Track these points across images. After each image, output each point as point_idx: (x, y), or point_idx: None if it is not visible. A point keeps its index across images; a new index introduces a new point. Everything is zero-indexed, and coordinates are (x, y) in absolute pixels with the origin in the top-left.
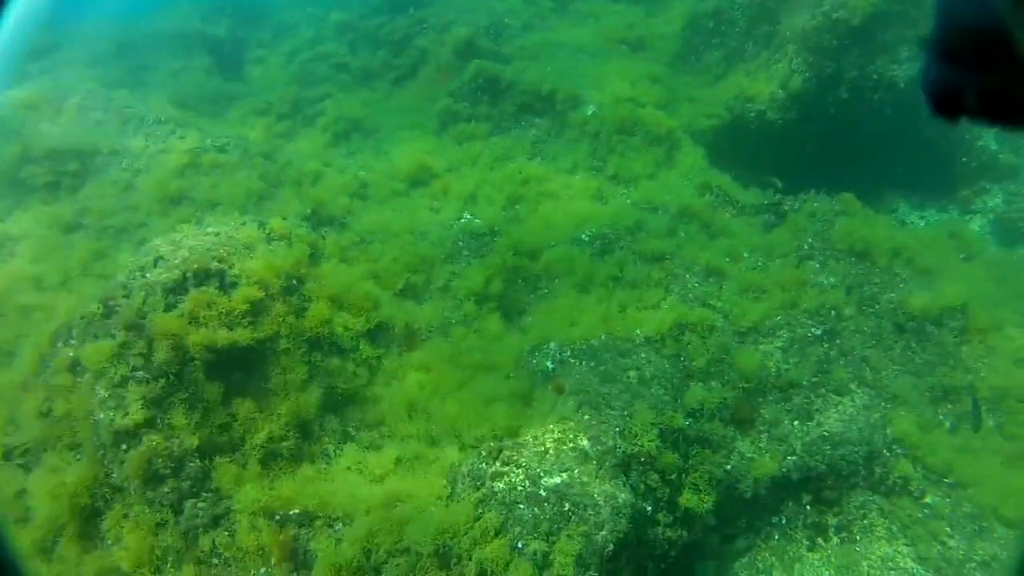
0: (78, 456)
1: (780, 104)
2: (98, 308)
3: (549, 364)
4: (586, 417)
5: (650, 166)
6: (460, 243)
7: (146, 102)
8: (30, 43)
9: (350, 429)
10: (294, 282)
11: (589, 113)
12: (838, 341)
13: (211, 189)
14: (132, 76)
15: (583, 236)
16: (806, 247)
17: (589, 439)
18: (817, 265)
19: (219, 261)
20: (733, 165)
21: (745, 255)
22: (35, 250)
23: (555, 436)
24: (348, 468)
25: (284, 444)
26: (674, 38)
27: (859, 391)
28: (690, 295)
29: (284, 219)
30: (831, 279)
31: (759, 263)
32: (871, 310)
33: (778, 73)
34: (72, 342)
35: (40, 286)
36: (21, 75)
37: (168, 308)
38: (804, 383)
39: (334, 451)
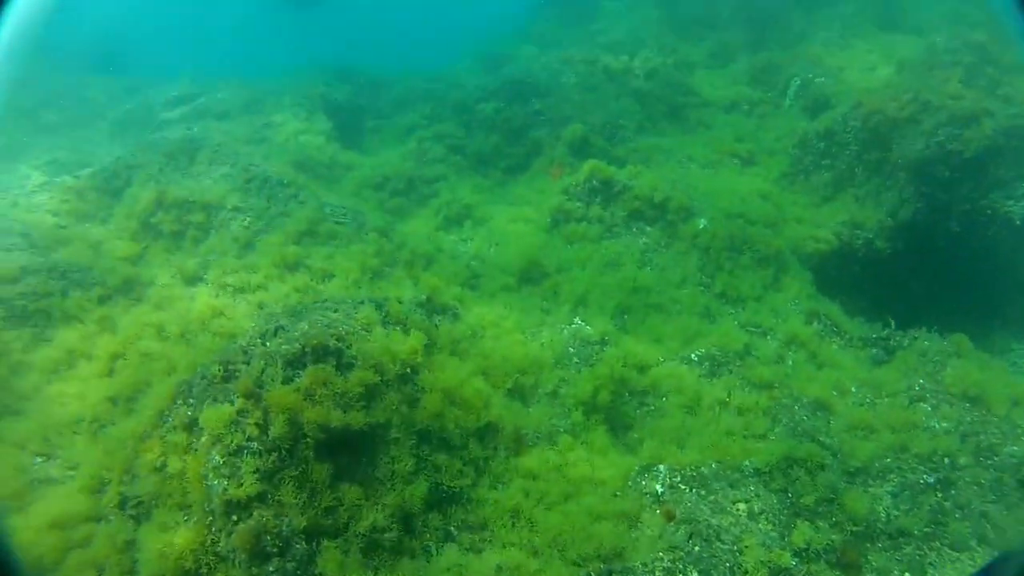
0: (187, 517)
1: (889, 233)
2: (218, 370)
3: (659, 488)
4: (696, 549)
5: (758, 287)
6: (570, 349)
7: (269, 161)
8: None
9: (452, 528)
10: (409, 371)
11: (700, 226)
12: (953, 492)
13: (327, 260)
14: (256, 133)
15: (692, 355)
16: (917, 388)
17: (699, 573)
18: (928, 408)
19: (337, 340)
20: (840, 292)
21: (853, 390)
22: (159, 298)
23: (665, 565)
24: (447, 570)
25: (387, 536)
26: (783, 155)
27: (980, 549)
28: (798, 428)
29: (400, 303)
30: (944, 424)
31: (867, 400)
32: (989, 462)
33: (888, 201)
34: (191, 401)
35: (161, 334)
36: (160, 122)
37: (286, 380)
38: (916, 533)
39: (435, 549)
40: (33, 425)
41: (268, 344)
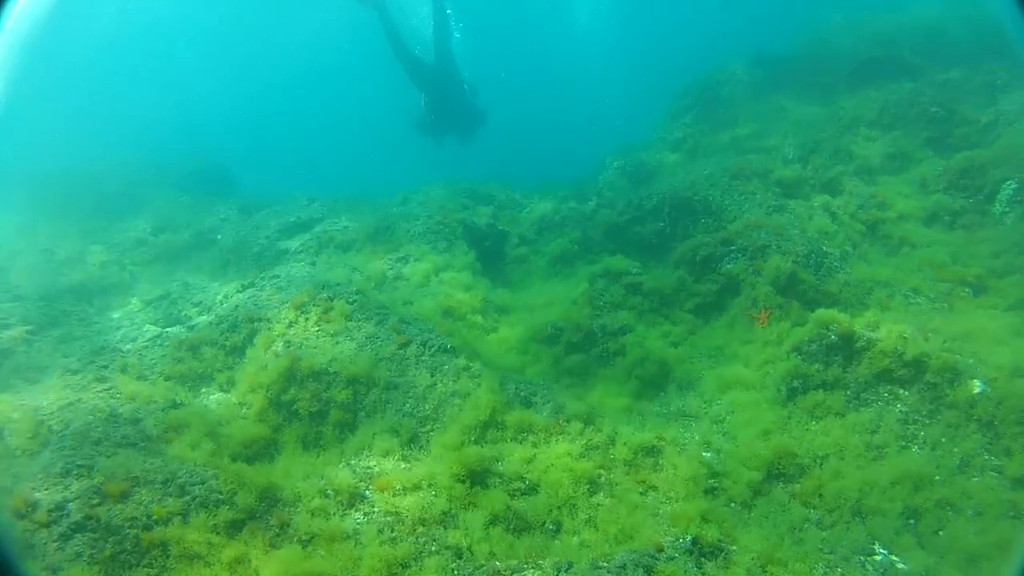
0: None
1: None
2: None
3: None
4: None
5: None
6: None
7: (416, 312)
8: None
9: None
10: None
11: (976, 391)
12: None
13: (525, 465)
14: (391, 269)
15: None
16: None
17: None
18: None
19: None
20: None
21: None
22: (309, 531)
23: None
24: None
25: None
26: (1016, 275)
27: None
28: None
29: (667, 556)
30: None
31: None
32: None
33: None
34: None
35: None
36: (278, 252)
37: None
38: None
39: None
40: None
41: None
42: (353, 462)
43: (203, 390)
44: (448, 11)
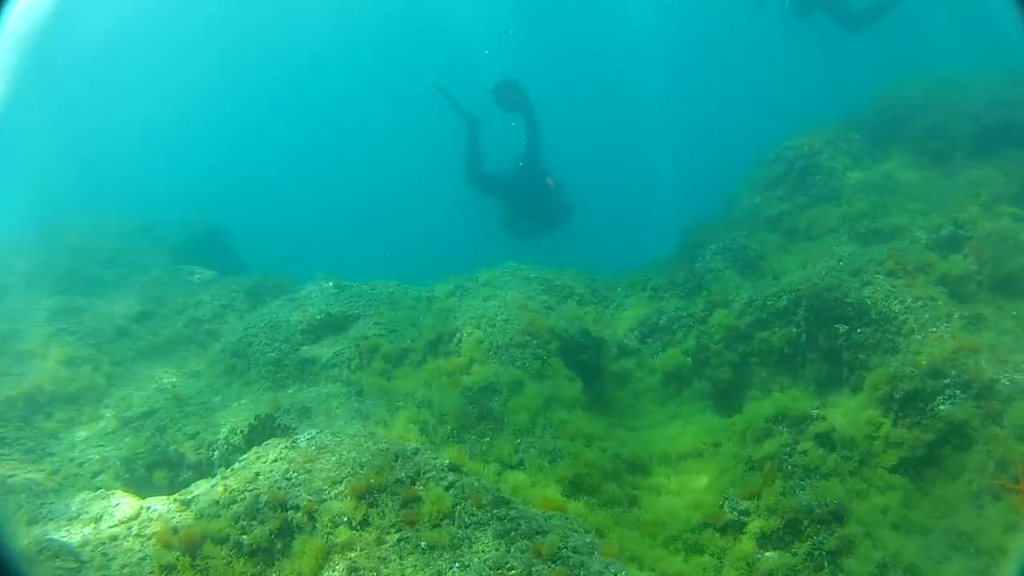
0: None
1: None
2: None
3: None
4: None
5: None
6: None
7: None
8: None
9: None
10: None
11: None
12: None
13: None
14: (473, 404)
15: None
16: None
17: None
18: None
19: None
20: None
21: None
22: None
23: None
24: None
25: None
26: None
27: None
28: None
29: None
30: None
31: None
32: None
33: None
34: None
35: None
36: (301, 362)
37: None
38: None
39: None
40: None
41: None
42: None
43: None
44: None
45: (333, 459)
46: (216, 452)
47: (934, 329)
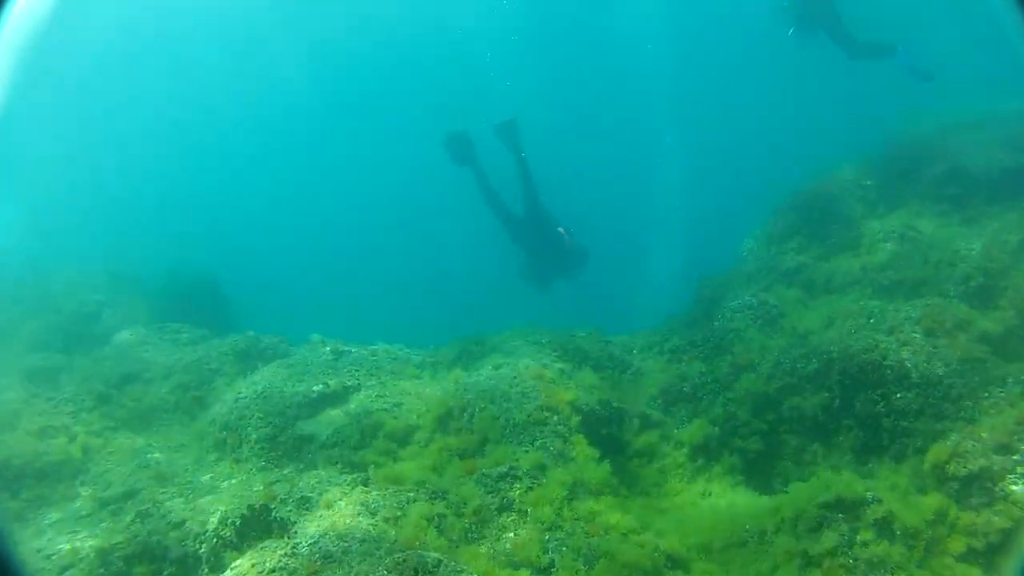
0: None
1: None
2: None
3: None
4: None
5: None
6: None
7: None
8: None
9: None
10: None
11: None
12: None
13: None
14: (491, 492)
15: None
16: None
17: None
18: None
19: None
20: None
21: None
22: None
23: None
24: None
25: None
26: None
27: None
28: None
29: None
30: None
31: None
32: None
33: None
34: None
35: None
36: (298, 440)
37: None
38: None
39: None
40: None
41: None
42: None
43: None
44: (523, 154)
45: (341, 574)
46: (204, 546)
47: (986, 394)
